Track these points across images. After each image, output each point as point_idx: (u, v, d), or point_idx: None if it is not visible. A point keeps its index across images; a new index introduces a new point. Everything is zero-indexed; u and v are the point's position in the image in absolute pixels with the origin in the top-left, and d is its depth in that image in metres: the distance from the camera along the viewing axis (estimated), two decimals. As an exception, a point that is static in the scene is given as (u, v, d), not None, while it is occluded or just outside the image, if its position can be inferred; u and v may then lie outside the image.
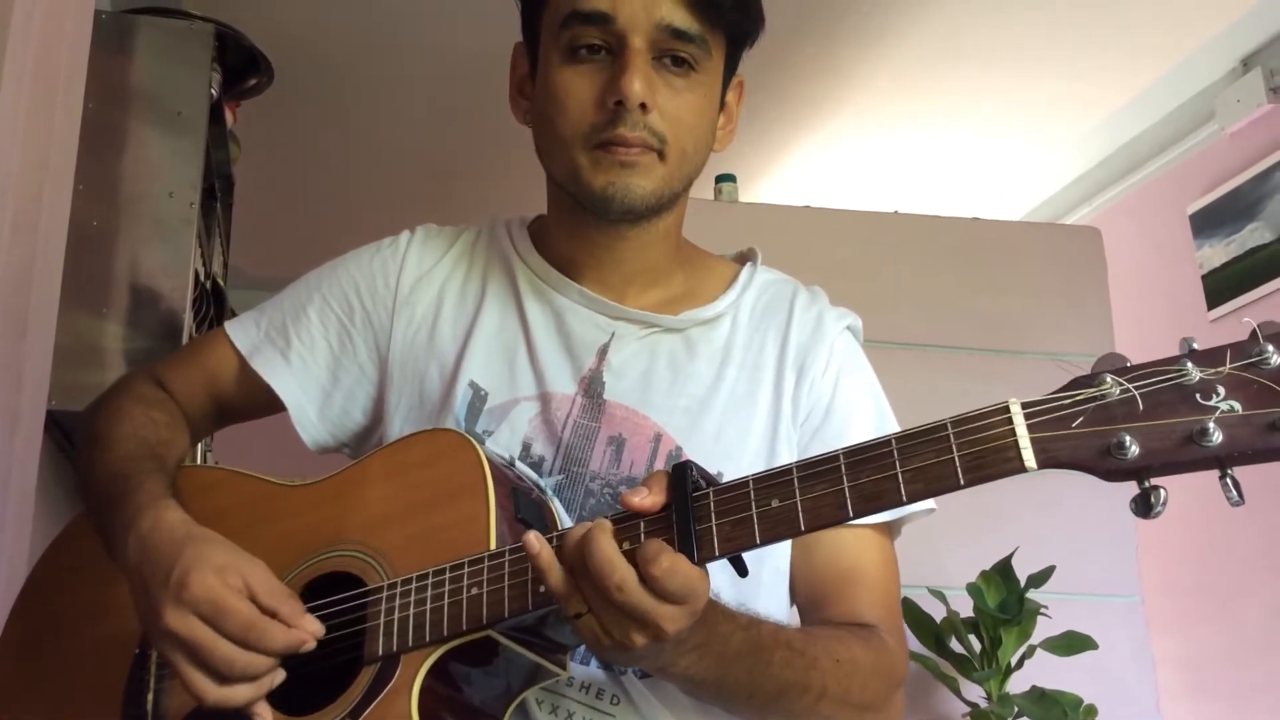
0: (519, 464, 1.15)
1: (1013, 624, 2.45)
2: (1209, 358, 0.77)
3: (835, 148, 3.86)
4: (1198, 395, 0.76)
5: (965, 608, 2.51)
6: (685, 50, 1.12)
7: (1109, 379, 0.79)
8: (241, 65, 2.92)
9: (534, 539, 0.90)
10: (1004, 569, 2.48)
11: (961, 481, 0.82)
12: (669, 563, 0.85)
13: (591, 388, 1.18)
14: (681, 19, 1.11)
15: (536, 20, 1.19)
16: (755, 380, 1.21)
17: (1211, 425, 0.75)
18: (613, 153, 1.12)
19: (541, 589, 0.92)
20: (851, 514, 0.86)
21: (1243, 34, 3.31)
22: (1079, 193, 4.06)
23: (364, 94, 3.49)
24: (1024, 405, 0.81)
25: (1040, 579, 2.47)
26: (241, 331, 1.29)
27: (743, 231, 1.43)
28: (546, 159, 1.20)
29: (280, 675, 0.98)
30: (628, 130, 1.11)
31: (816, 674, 1.01)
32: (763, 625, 0.99)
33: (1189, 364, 0.77)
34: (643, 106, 1.10)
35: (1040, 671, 2.47)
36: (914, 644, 2.49)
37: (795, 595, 1.20)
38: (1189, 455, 0.76)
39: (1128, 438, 0.77)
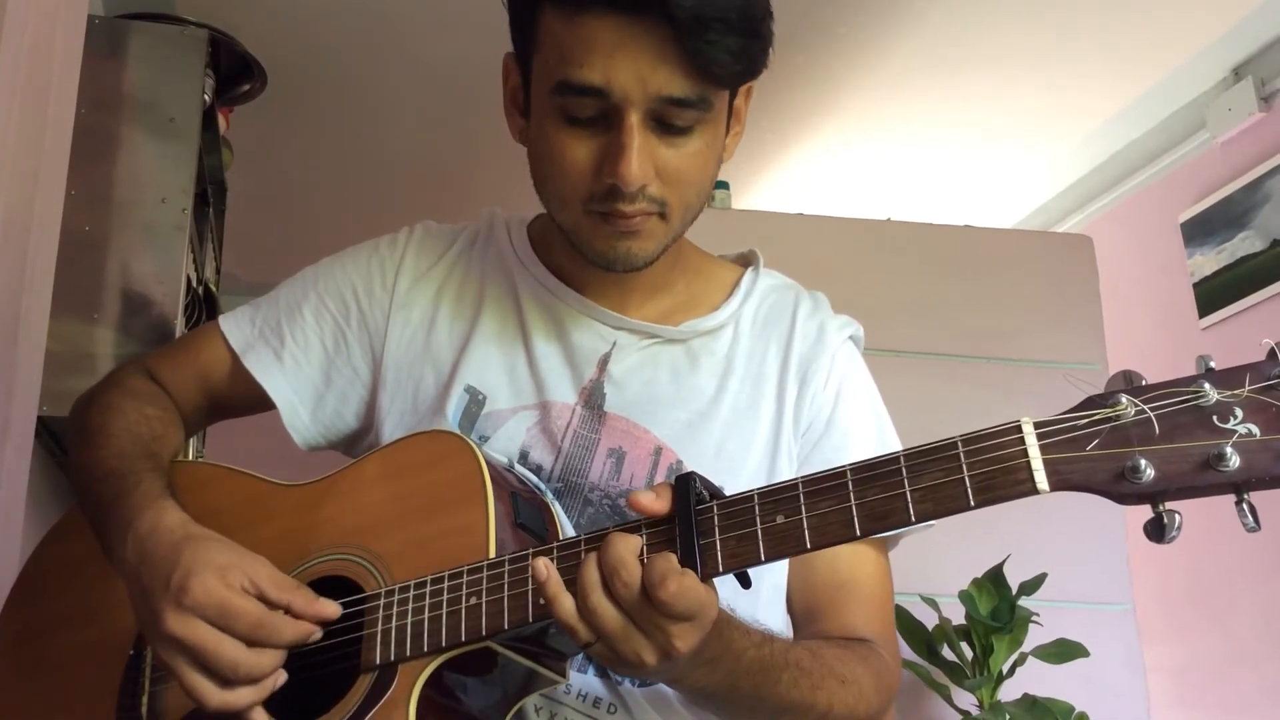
0: (518, 467, 1.14)
1: (1004, 631, 2.44)
2: (1227, 379, 0.75)
3: (827, 155, 3.85)
4: (1215, 418, 0.74)
5: (957, 615, 2.50)
6: (685, 117, 1.04)
7: (1124, 399, 0.77)
8: (234, 71, 2.91)
9: (542, 566, 0.89)
10: (996, 576, 2.48)
11: (972, 503, 0.80)
12: (676, 585, 0.84)
13: (592, 399, 1.17)
14: (681, 87, 1.01)
15: (528, 48, 1.10)
16: (757, 392, 1.19)
17: (1229, 449, 0.73)
18: (612, 222, 1.07)
19: (542, 601, 0.90)
20: (859, 533, 0.84)
21: (1234, 43, 3.31)
22: (1071, 201, 4.06)
23: (357, 100, 3.48)
24: (1036, 425, 0.80)
25: (1032, 586, 2.46)
26: (235, 327, 1.26)
27: (735, 238, 1.42)
28: (543, 198, 1.14)
29: (281, 676, 0.96)
30: (626, 205, 1.05)
31: (822, 694, 1.01)
32: (774, 644, 0.98)
33: (1206, 385, 0.75)
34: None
35: (1032, 679, 2.47)
36: (906, 651, 2.49)
37: (790, 605, 1.19)
38: (1205, 480, 0.74)
39: (1143, 461, 0.75)
